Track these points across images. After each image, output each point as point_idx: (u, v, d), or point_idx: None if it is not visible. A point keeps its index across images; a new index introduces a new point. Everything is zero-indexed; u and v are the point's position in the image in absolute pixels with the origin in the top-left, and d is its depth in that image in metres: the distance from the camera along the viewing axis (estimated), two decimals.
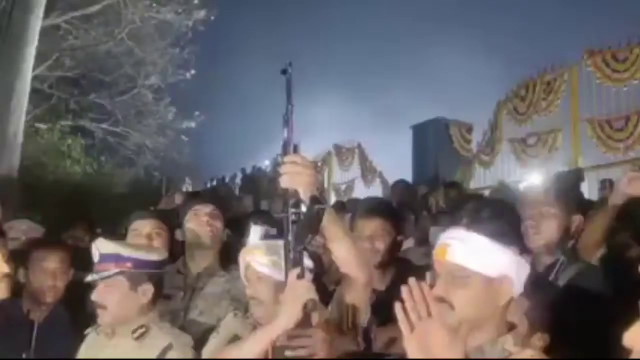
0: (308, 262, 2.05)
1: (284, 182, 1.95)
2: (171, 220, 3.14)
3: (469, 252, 1.57)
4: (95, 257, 2.32)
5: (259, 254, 2.20)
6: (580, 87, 10.36)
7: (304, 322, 1.91)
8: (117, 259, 2.31)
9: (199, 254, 2.92)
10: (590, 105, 10.19)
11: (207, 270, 2.90)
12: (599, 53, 9.83)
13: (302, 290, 1.89)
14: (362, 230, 2.79)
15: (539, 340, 1.65)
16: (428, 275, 1.74)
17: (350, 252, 2.03)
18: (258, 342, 1.96)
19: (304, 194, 1.92)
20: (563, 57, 11.16)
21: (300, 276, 1.89)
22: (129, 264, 2.32)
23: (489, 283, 1.55)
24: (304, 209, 1.90)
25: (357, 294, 2.14)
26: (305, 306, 1.88)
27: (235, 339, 2.20)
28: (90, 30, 14.24)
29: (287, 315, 1.90)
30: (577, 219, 2.65)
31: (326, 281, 2.87)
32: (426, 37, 27.38)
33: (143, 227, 2.94)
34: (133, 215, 3.01)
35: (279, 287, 2.05)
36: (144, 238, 2.89)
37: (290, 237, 1.89)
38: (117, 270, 2.29)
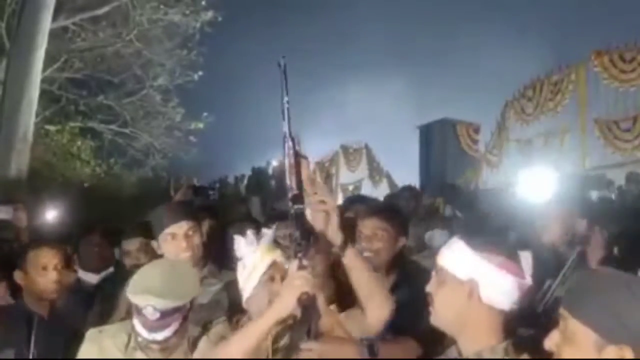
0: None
1: (315, 221, 2.00)
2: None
3: (449, 255, 1.70)
4: (151, 314, 2.18)
5: (281, 253, 2.19)
6: (587, 88, 10.34)
7: (302, 316, 1.91)
8: (176, 310, 2.23)
9: None
10: (598, 106, 10.18)
11: None
12: (606, 53, 9.81)
13: (299, 282, 1.87)
14: (361, 229, 2.77)
15: None
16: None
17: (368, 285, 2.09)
18: (249, 334, 1.94)
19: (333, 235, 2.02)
20: (570, 57, 11.14)
21: (301, 268, 1.89)
22: (183, 311, 2.26)
23: (459, 285, 1.65)
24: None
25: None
26: (299, 299, 1.85)
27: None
28: (98, 32, 14.33)
29: (279, 305, 1.89)
30: (581, 223, 2.64)
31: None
32: (432, 39, 27.32)
33: (180, 229, 2.79)
34: (166, 220, 2.82)
35: None
36: (182, 240, 2.77)
37: (296, 232, 1.91)
38: (181, 320, 2.24)
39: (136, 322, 2.23)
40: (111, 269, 3.66)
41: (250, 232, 2.24)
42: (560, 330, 1.41)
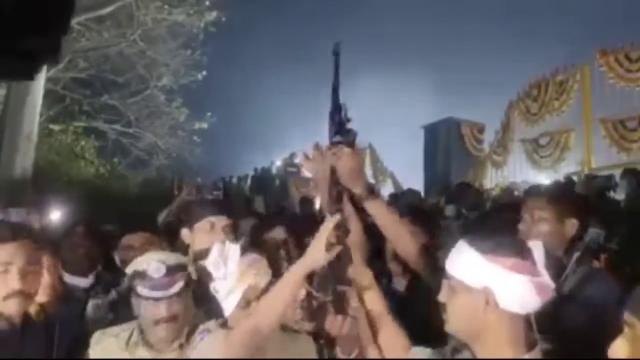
0: None
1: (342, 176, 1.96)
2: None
3: (458, 262, 1.62)
4: (156, 271, 2.22)
5: (262, 274, 2.17)
6: (593, 87, 10.31)
7: (336, 266, 1.85)
8: (181, 269, 2.28)
9: None
10: (603, 105, 10.15)
11: None
12: (611, 52, 9.78)
13: (329, 224, 1.81)
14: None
15: None
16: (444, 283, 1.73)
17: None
18: (285, 284, 1.88)
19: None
20: (576, 57, 11.10)
21: (330, 222, 1.81)
22: (188, 275, 2.29)
23: (472, 294, 1.57)
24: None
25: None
26: (332, 247, 1.80)
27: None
28: (102, 31, 14.33)
29: (312, 249, 1.83)
30: (572, 223, 2.55)
31: None
32: (438, 38, 27.30)
33: (220, 221, 2.84)
34: (210, 209, 2.87)
35: None
36: (219, 232, 2.79)
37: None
38: (184, 280, 2.26)
39: (141, 289, 2.22)
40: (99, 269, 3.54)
41: (216, 251, 2.22)
42: (627, 338, 1.33)
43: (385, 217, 2.11)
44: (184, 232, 2.89)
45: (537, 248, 1.62)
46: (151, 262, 2.24)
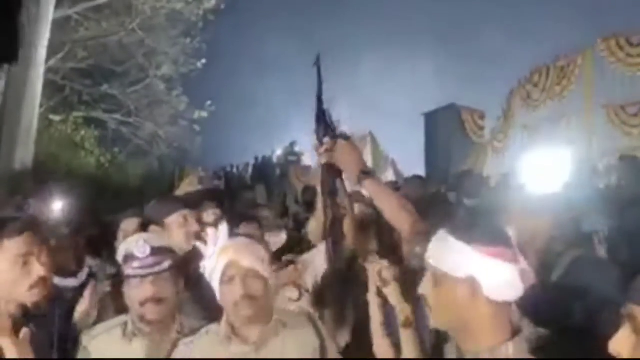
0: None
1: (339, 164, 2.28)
2: None
3: (440, 252, 1.60)
4: (141, 251, 2.23)
5: (243, 252, 2.14)
6: (594, 73, 10.26)
7: None
8: (168, 251, 2.30)
9: None
10: (605, 91, 10.09)
11: None
12: (612, 37, 9.72)
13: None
14: None
15: None
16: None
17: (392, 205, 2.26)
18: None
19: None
20: (577, 42, 11.04)
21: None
22: (176, 258, 2.31)
23: (457, 285, 1.55)
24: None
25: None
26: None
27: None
28: (101, 21, 14.28)
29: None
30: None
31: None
32: (437, 25, 27.19)
33: (192, 215, 2.93)
34: (180, 203, 2.97)
35: (266, 283, 2.12)
36: (193, 225, 2.88)
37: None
38: (171, 262, 2.27)
39: (127, 269, 2.23)
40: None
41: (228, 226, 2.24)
42: (629, 329, 1.29)
43: (379, 193, 2.27)
44: (153, 229, 2.86)
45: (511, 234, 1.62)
46: (137, 242, 2.25)
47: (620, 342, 1.27)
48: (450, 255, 1.57)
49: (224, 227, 2.21)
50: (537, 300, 1.76)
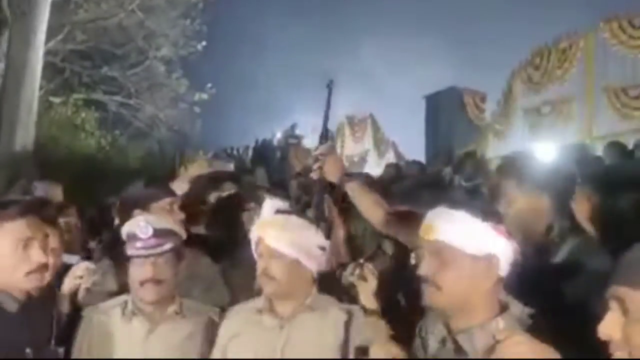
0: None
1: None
2: None
3: (455, 230, 1.57)
4: (143, 232, 2.26)
5: (273, 229, 2.15)
6: (596, 55, 10.20)
7: None
8: (170, 233, 2.32)
9: None
10: (606, 74, 10.03)
11: None
12: (615, 19, 9.64)
13: None
14: None
15: None
16: (412, 255, 1.75)
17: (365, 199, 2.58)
18: None
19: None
20: (579, 24, 10.96)
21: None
22: (177, 240, 2.33)
23: (475, 262, 1.56)
24: None
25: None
26: None
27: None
28: (100, 2, 14.19)
29: None
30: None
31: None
32: (438, 6, 26.98)
33: (177, 202, 2.96)
34: (166, 190, 2.99)
35: (292, 265, 2.11)
36: (178, 213, 2.90)
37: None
38: (172, 245, 2.29)
39: (129, 249, 2.27)
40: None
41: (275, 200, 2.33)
42: (617, 313, 1.25)
43: (356, 192, 2.59)
44: (137, 214, 2.79)
45: None
46: (139, 223, 2.28)
47: (609, 325, 1.24)
48: (465, 232, 1.56)
49: (268, 202, 2.26)
50: (531, 281, 1.78)
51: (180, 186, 4.71)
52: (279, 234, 2.13)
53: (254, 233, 2.23)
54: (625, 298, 1.22)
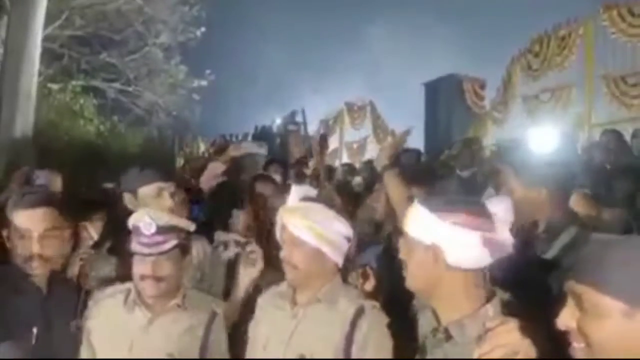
0: None
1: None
2: None
3: (413, 222, 1.69)
4: (147, 228, 2.22)
5: (296, 217, 2.13)
6: (595, 43, 10.16)
7: None
8: (174, 230, 2.28)
9: None
10: (605, 61, 10.00)
11: None
12: (615, 7, 9.60)
13: None
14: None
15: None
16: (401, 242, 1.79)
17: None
18: None
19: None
20: (579, 11, 10.90)
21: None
22: (181, 236, 2.30)
23: (425, 250, 1.63)
24: None
25: None
26: None
27: None
28: None
29: None
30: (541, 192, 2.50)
31: None
32: None
33: (168, 188, 2.86)
34: (156, 175, 2.87)
35: (314, 254, 2.10)
36: (166, 199, 2.81)
37: None
38: (175, 242, 2.26)
39: (133, 244, 2.25)
40: None
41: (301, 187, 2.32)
42: (573, 306, 1.28)
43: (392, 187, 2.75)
44: (127, 197, 2.79)
45: (503, 203, 1.64)
46: (144, 218, 2.24)
47: (566, 318, 1.28)
48: (418, 222, 1.66)
49: (295, 189, 2.25)
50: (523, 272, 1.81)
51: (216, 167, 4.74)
52: (301, 221, 2.11)
53: (279, 219, 2.21)
54: (581, 295, 1.25)
